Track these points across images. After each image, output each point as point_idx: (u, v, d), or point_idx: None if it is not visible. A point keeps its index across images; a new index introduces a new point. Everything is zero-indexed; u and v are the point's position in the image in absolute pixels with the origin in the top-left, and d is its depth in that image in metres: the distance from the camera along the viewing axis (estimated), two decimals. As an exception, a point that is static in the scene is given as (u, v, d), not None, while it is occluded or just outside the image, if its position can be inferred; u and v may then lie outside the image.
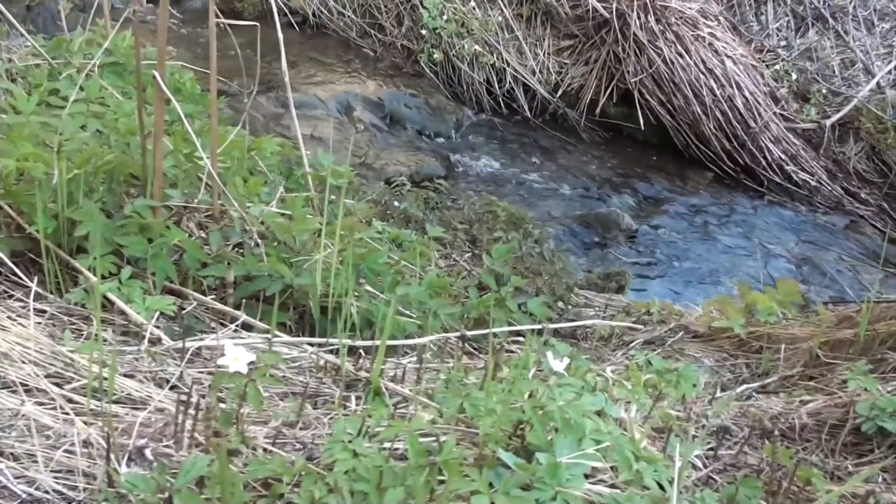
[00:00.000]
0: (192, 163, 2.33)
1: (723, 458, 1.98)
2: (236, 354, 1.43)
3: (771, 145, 6.00)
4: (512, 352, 2.75)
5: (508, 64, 6.25)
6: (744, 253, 5.29)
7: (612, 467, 1.44)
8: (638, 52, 6.06)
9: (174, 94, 3.52)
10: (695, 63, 5.98)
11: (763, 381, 2.95)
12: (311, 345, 1.86)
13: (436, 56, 6.21)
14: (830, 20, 6.85)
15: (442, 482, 1.29)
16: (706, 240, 5.36)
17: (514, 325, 2.78)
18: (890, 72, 6.77)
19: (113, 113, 2.59)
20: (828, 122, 6.19)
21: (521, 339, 2.86)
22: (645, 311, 3.60)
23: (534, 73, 6.31)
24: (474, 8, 6.35)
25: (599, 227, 5.12)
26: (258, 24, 2.10)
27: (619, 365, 3.10)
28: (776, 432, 1.91)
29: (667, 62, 5.97)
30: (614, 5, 6.08)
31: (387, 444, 1.43)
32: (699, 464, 1.82)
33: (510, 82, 6.26)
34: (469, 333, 2.09)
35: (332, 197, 2.78)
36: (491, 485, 1.29)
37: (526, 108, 6.26)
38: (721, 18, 6.41)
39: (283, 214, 2.40)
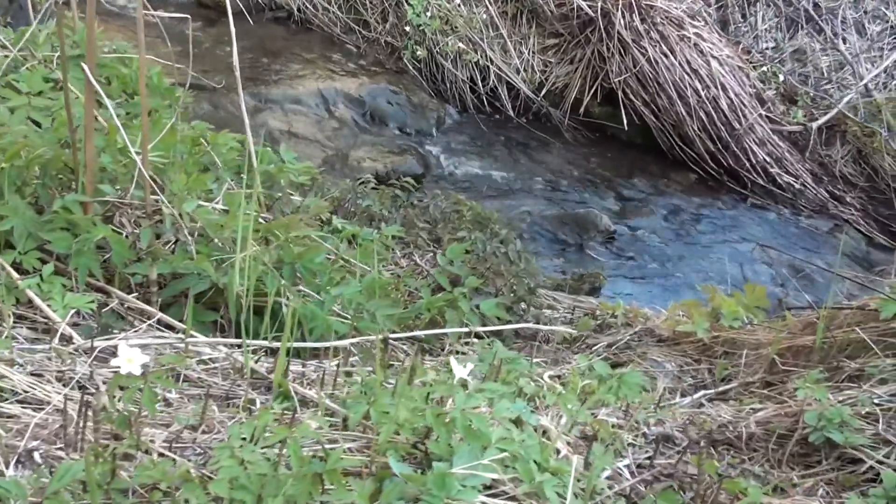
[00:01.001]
0: (129, 158, 2.28)
1: (658, 467, 1.92)
2: (129, 355, 1.38)
3: (755, 147, 5.94)
4: (463, 354, 2.69)
5: (492, 62, 6.19)
6: (724, 256, 5.22)
7: (516, 478, 1.39)
8: (622, 51, 5.99)
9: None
10: (679, 63, 5.92)
11: (722, 387, 2.89)
12: (231, 346, 1.81)
13: (419, 53, 6.16)
14: (819, 22, 6.78)
15: (328, 492, 1.24)
16: (686, 242, 5.30)
17: (468, 326, 2.73)
18: (879, 75, 6.71)
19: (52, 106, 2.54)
20: (814, 125, 6.12)
21: (474, 340, 2.81)
22: (611, 314, 3.54)
23: (518, 72, 6.25)
24: (459, 5, 6.29)
25: (577, 228, 5.06)
26: (189, 16, 2.04)
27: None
28: (702, 442, 1.86)
29: (651, 62, 5.90)
30: (599, 4, 6.01)
31: (283, 452, 1.38)
32: (626, 474, 1.77)
33: (494, 81, 6.20)
34: (395, 336, 2.04)
35: (279, 194, 2.73)
36: (378, 495, 1.23)
37: (509, 106, 6.20)
38: (708, 19, 6.35)
39: (226, 212, 2.35)
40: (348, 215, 3.52)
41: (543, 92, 6.25)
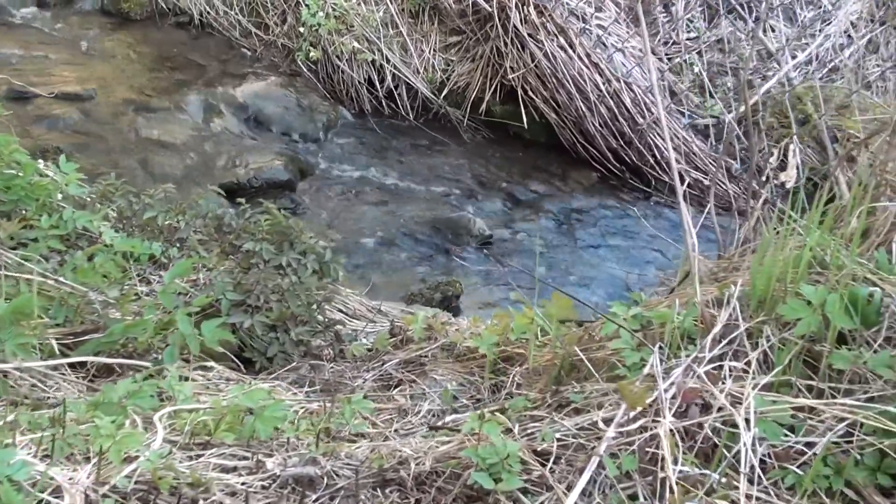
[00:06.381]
0: None
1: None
2: None
3: (661, 142, 5.62)
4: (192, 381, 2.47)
5: (388, 61, 5.96)
6: (612, 259, 4.93)
7: None
8: (520, 46, 5.72)
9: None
10: (579, 56, 5.63)
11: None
12: None
13: (312, 54, 5.95)
14: (742, 12, 6.42)
15: None
16: (574, 246, 5.01)
17: (187, 350, 2.51)
18: (809, 62, 6.35)
19: None
20: (728, 118, 5.78)
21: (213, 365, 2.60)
22: (410, 328, 3.30)
23: (417, 72, 6.01)
24: (358, 3, 6.07)
25: (449, 233, 4.80)
26: None
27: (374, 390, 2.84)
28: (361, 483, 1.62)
29: (548, 56, 5.62)
30: (495, -3, 5.75)
31: None
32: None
33: (391, 81, 5.97)
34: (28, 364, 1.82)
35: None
36: None
37: (407, 107, 5.96)
38: (615, 9, 6.04)
39: None
40: (134, 229, 3.33)
41: (445, 91, 5.99)
